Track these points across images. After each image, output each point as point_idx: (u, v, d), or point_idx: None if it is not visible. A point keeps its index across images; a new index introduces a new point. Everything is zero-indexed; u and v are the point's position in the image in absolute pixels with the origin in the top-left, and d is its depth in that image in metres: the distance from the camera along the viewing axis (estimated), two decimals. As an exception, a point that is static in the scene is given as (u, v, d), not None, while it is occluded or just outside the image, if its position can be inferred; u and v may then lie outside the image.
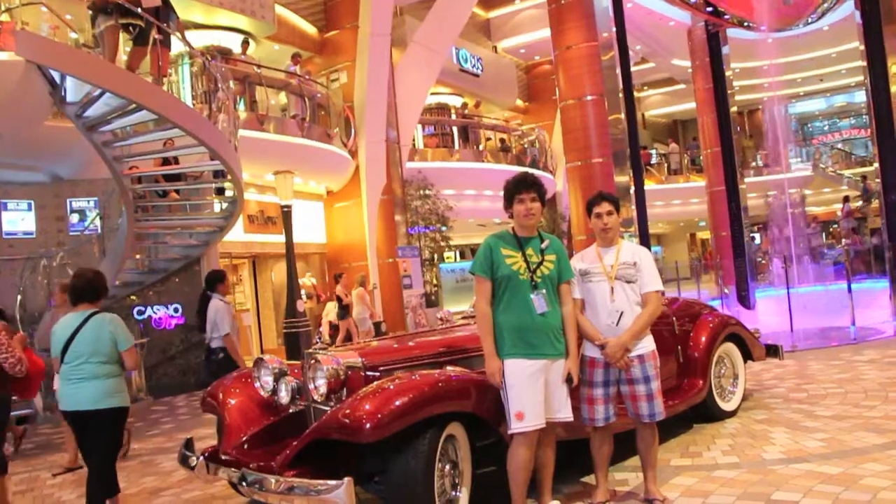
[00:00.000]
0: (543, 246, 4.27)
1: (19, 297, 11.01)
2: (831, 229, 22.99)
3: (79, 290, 4.79)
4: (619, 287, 4.43)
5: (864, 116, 33.18)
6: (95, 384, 4.59)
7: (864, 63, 13.67)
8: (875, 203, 20.06)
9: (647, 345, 4.45)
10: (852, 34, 15.90)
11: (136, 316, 11.89)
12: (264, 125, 13.87)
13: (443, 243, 19.59)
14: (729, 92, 18.07)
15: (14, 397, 5.49)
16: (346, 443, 3.96)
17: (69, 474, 6.77)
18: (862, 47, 13.76)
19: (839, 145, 35.28)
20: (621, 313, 4.40)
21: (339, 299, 14.59)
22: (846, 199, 23.29)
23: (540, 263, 4.21)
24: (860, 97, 32.40)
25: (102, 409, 4.60)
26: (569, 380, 4.18)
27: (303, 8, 17.58)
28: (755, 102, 32.32)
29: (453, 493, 4.24)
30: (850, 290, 11.63)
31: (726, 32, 18.35)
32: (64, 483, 6.50)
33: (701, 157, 22.26)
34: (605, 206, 4.55)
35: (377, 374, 4.53)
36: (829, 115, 37.58)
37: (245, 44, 15.45)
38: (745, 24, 18.63)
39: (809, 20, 20.25)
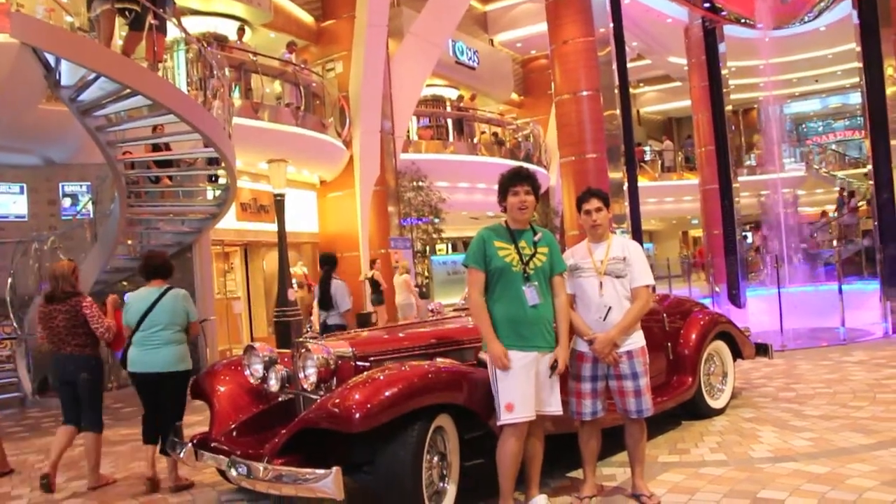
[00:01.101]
0: (536, 239, 4.28)
1: (10, 281, 10.96)
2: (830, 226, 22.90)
3: (153, 268, 5.67)
4: (608, 282, 4.43)
5: (858, 118, 33.24)
6: (169, 349, 5.42)
7: (861, 65, 13.69)
8: (864, 206, 20.17)
9: (637, 341, 4.46)
10: (849, 35, 15.91)
11: (126, 301, 11.83)
12: (259, 113, 13.82)
13: (435, 235, 19.59)
14: (724, 90, 18.07)
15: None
16: (335, 432, 3.96)
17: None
18: (858, 49, 13.77)
19: (833, 146, 35.33)
20: (609, 308, 4.40)
21: (375, 284, 14.78)
22: (852, 194, 23.22)
23: (532, 256, 4.22)
24: (855, 99, 32.42)
25: (174, 372, 5.43)
26: (553, 366, 4.17)
27: (299, -4, 17.52)
28: (750, 101, 32.33)
29: (441, 484, 4.25)
30: (840, 291, 11.67)
31: (723, 30, 18.34)
32: (51, 467, 6.48)
33: (695, 155, 22.29)
34: (594, 203, 4.55)
35: (367, 364, 4.53)
36: (823, 116, 37.63)
37: (241, 31, 15.38)
38: (743, 21, 18.62)
39: (806, 18, 20.22)
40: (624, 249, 4.51)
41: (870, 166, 13.70)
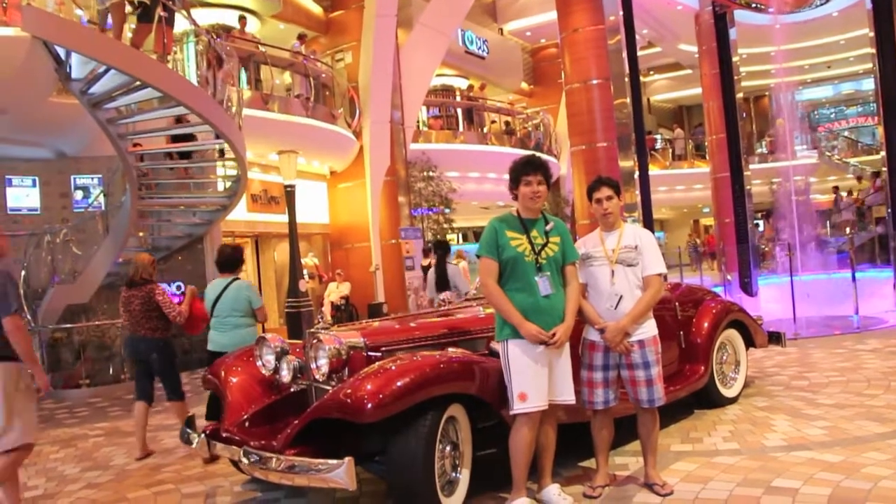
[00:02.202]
0: (548, 228, 4.26)
1: (23, 273, 11.02)
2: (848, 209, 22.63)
3: (222, 262, 6.41)
4: (619, 271, 4.41)
5: (871, 104, 32.95)
6: (237, 333, 6.14)
7: (874, 50, 13.55)
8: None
9: (649, 330, 4.43)
10: (862, 21, 15.75)
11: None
12: (269, 104, 13.83)
13: (445, 225, 19.58)
14: (735, 78, 17.93)
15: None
16: (347, 422, 3.97)
17: (72, 449, 6.81)
18: (872, 34, 13.63)
19: (845, 133, 35.05)
20: (620, 297, 4.38)
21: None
22: (877, 175, 23.00)
23: (544, 245, 4.20)
24: (868, 85, 32.15)
25: None
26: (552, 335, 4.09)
27: (309, -13, 17.49)
28: (762, 89, 32.09)
29: (454, 474, 4.25)
30: (854, 278, 11.60)
31: (734, 15, 18.18)
32: (66, 458, 6.54)
33: (706, 143, 22.18)
34: (605, 191, 4.53)
35: (379, 354, 4.52)
36: (836, 102, 37.33)
37: (242, 20, 15.28)
38: (754, 5, 18.45)
39: (818, 3, 20.03)
40: (636, 238, 4.48)
41: (883, 153, 13.58)
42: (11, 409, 4.35)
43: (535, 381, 4.04)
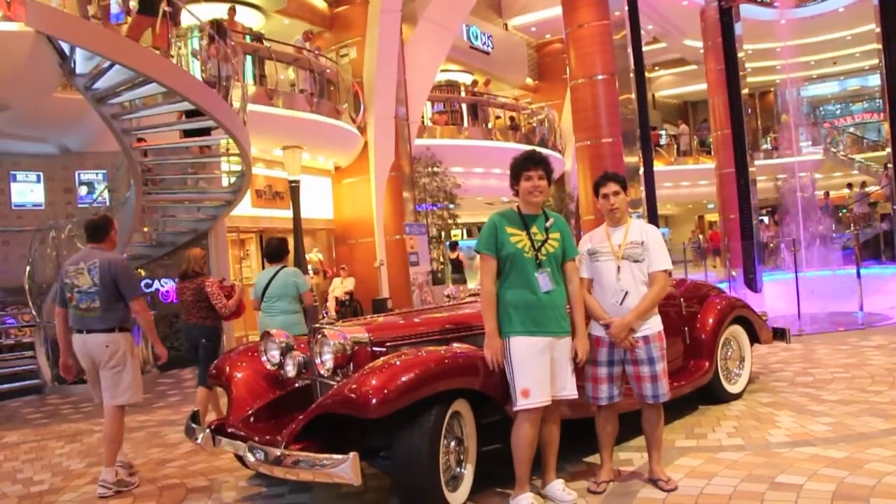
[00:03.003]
0: (548, 224, 4.26)
1: (28, 269, 11.05)
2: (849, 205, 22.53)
3: (271, 252, 6.79)
4: (625, 266, 4.41)
5: (877, 100, 32.84)
6: (285, 317, 6.42)
7: (880, 46, 13.51)
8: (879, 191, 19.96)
9: (654, 326, 4.43)
10: (868, 16, 15.73)
11: (142, 289, 11.90)
12: (273, 100, 13.82)
13: (450, 221, 19.58)
14: (741, 73, 17.90)
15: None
16: (352, 418, 3.97)
17: (77, 444, 6.83)
18: (878, 30, 13.59)
19: (851, 129, 34.93)
20: (626, 293, 4.37)
21: (458, 264, 15.18)
22: (887, 166, 22.97)
23: (545, 241, 4.19)
24: (874, 81, 32.04)
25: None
26: (574, 357, 4.18)
27: (313, -18, 17.46)
28: (767, 85, 31.99)
29: (458, 469, 4.25)
30: (858, 275, 11.57)
31: (739, 10, 18.12)
32: (72, 453, 6.56)
33: (710, 139, 22.13)
34: (612, 187, 4.52)
35: (384, 349, 4.53)
36: (841, 98, 37.20)
37: (232, 10, 15.18)
38: (760, 0, 18.39)
39: (824, -3, 19.97)
40: (642, 234, 4.47)
41: (889, 149, 13.56)
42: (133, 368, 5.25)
43: (538, 376, 4.04)
